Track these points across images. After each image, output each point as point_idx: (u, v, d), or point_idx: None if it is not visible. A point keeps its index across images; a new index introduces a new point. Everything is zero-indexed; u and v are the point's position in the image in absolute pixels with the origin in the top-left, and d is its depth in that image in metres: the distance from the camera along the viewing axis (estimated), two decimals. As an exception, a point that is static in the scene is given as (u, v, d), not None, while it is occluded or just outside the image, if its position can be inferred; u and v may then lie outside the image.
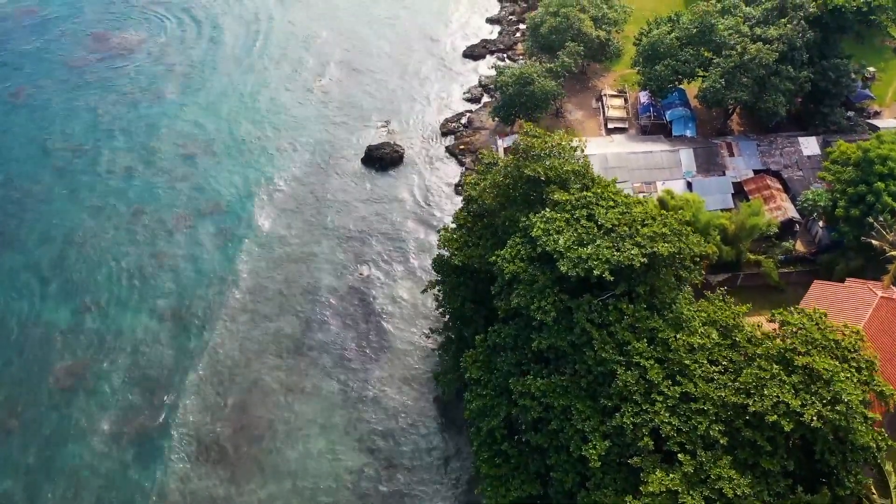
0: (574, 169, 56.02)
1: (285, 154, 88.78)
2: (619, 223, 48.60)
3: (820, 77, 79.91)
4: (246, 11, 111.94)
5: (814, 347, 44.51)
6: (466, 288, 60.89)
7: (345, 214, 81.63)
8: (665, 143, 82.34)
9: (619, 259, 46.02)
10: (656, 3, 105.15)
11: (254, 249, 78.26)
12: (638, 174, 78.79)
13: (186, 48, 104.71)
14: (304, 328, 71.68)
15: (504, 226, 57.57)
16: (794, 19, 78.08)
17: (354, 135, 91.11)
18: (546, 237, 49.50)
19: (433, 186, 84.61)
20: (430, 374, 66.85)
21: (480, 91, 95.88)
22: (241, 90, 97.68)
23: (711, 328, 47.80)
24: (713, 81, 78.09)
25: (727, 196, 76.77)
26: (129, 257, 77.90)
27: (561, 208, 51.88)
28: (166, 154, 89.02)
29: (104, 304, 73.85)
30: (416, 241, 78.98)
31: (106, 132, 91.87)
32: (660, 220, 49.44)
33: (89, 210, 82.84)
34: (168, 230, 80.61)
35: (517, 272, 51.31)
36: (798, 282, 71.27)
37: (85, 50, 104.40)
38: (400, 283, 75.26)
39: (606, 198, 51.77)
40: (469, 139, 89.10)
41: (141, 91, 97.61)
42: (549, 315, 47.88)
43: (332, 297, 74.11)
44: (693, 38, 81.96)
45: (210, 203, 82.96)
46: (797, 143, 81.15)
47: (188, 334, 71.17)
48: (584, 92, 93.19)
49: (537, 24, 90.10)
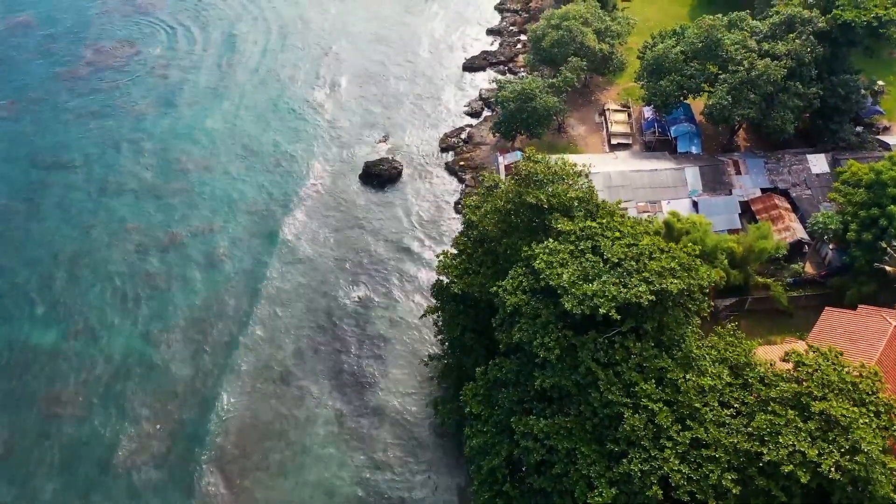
0: (578, 196, 54.03)
1: (281, 170, 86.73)
2: (626, 257, 46.58)
3: (829, 93, 77.91)
4: (241, 23, 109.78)
5: (830, 391, 42.50)
6: (466, 316, 58.96)
7: (341, 234, 79.60)
8: (670, 160, 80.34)
9: (627, 297, 43.99)
10: (660, 14, 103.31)
11: (246, 273, 76.04)
12: (642, 193, 76.79)
13: (182, 60, 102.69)
14: (298, 354, 69.64)
15: (505, 254, 55.60)
16: (803, 34, 76.06)
17: (352, 150, 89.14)
18: (549, 270, 47.52)
19: (432, 205, 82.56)
20: (429, 402, 64.87)
21: (481, 105, 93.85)
22: (237, 103, 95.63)
23: (722, 367, 45.79)
24: (720, 98, 76.09)
25: (734, 216, 74.72)
26: (120, 279, 75.85)
27: (565, 239, 49.91)
28: (160, 170, 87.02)
29: (94, 328, 71.86)
30: (414, 261, 76.94)
31: (99, 147, 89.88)
32: (668, 253, 47.35)
33: (80, 229, 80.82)
34: (161, 250, 78.57)
35: (519, 304, 49.42)
36: (808, 305, 69.31)
37: (78, 62, 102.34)
38: (398, 307, 73.23)
39: (612, 228, 49.77)
40: (469, 155, 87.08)
41: (135, 104, 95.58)
42: (553, 353, 45.92)
43: (326, 321, 72.06)
44: (699, 53, 79.98)
45: (203, 223, 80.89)
46: (805, 161, 79.16)
47: (179, 361, 69.09)
48: (586, 106, 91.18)
49: (539, 36, 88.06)
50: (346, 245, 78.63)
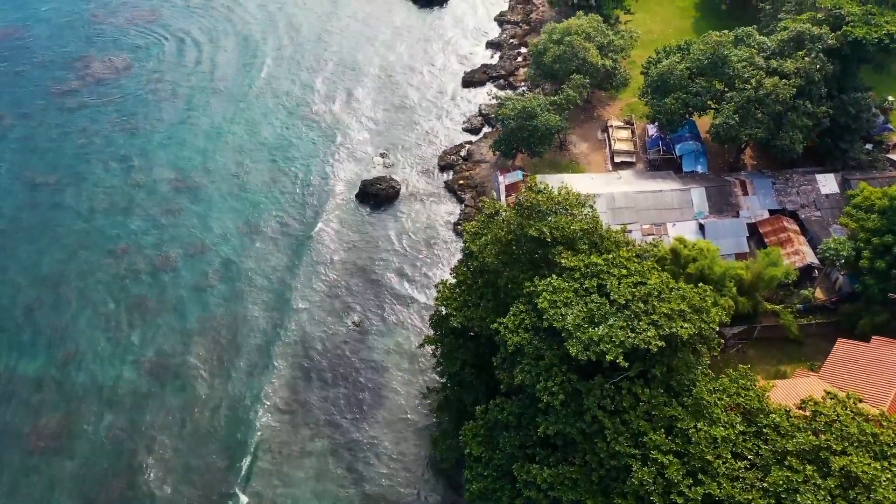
0: (582, 227, 51.82)
1: (276, 188, 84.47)
2: (634, 297, 44.34)
3: (839, 111, 75.71)
4: (235, 35, 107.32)
5: (850, 444, 40.30)
6: (466, 350, 56.83)
7: (336, 256, 77.37)
8: (675, 180, 78.11)
9: (635, 342, 41.77)
10: (664, 27, 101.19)
11: (238, 295, 73.96)
12: (647, 215, 74.60)
13: (176, 73, 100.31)
14: (293, 384, 67.51)
15: (506, 287, 53.42)
16: (812, 52, 73.83)
17: (349, 167, 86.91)
18: (553, 310, 45.32)
19: (431, 226, 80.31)
20: (428, 435, 62.75)
21: (480, 121, 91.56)
22: (232, 119, 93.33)
23: (734, 414, 43.56)
24: (727, 117, 73.88)
25: (741, 239, 72.56)
26: (109, 303, 73.72)
27: (569, 276, 47.71)
28: (152, 188, 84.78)
29: (82, 356, 69.63)
30: (412, 285, 74.75)
31: (89, 165, 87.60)
32: (677, 293, 45.12)
33: (69, 250, 78.63)
34: (151, 273, 76.39)
35: (521, 344, 47.29)
36: (818, 333, 67.27)
37: (69, 76, 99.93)
38: (395, 333, 71.07)
39: (618, 264, 47.55)
40: (468, 173, 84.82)
41: (127, 120, 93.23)
42: (557, 398, 43.77)
43: (322, 348, 69.92)
44: (705, 69, 77.78)
45: (195, 243, 78.68)
46: (814, 181, 77.00)
47: (170, 388, 67.04)
48: (588, 122, 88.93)
49: (540, 51, 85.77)
50: (342, 268, 76.42)
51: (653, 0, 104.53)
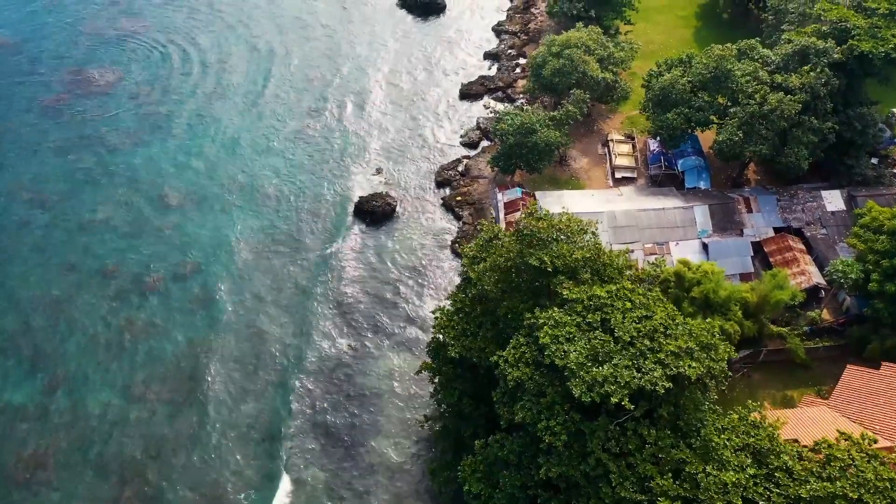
0: (584, 255, 50.10)
1: (269, 206, 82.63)
2: (639, 334, 42.62)
3: (845, 127, 74.14)
4: (229, 47, 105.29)
5: (867, 490, 38.61)
6: (464, 381, 55.14)
7: (331, 278, 75.51)
8: (678, 197, 76.43)
9: (641, 383, 40.06)
10: (665, 37, 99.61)
11: (230, 317, 72.11)
12: (649, 234, 72.95)
13: (167, 85, 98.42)
14: (286, 409, 65.67)
15: (506, 317, 51.71)
16: (818, 66, 72.18)
17: (344, 184, 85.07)
18: (555, 346, 43.65)
19: (428, 244, 78.54)
20: (425, 464, 60.99)
21: (478, 134, 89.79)
22: (225, 133, 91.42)
23: (744, 455, 41.85)
24: (730, 133, 72.27)
25: (746, 259, 70.88)
26: (100, 325, 71.74)
27: (571, 308, 46.00)
28: (143, 206, 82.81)
29: (72, 382, 67.73)
30: (409, 307, 72.97)
31: (80, 181, 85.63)
32: (684, 328, 43.40)
33: (58, 270, 76.63)
34: (142, 295, 74.44)
35: (522, 379, 45.59)
36: (826, 356, 65.69)
37: (60, 88, 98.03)
38: (392, 357, 69.26)
39: (622, 296, 45.84)
40: (466, 189, 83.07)
41: (117, 134, 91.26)
42: (560, 439, 42.08)
43: (317, 372, 68.08)
44: (707, 83, 76.14)
45: (187, 263, 76.83)
46: (820, 198, 75.41)
47: (160, 416, 65.07)
48: (588, 136, 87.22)
49: (539, 64, 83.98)
50: (336, 289, 74.61)
51: (653, 9, 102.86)
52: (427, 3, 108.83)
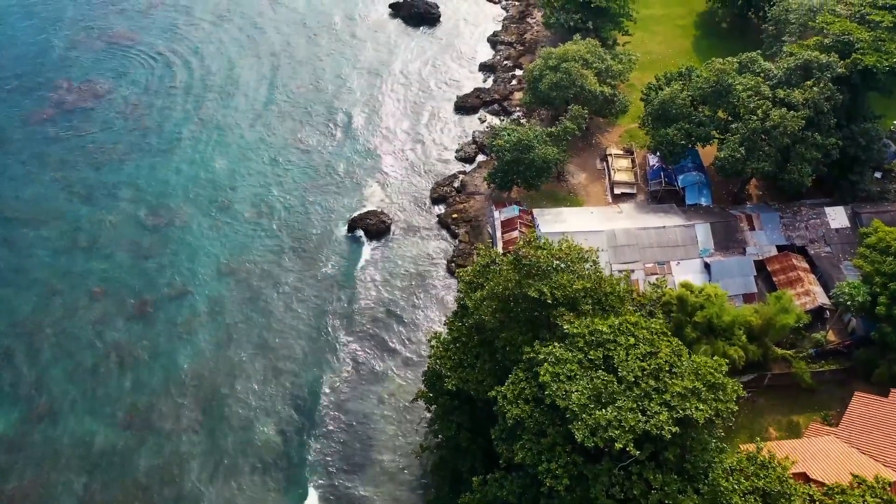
0: (585, 286, 48.33)
1: (261, 224, 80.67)
2: (644, 373, 40.88)
3: (848, 142, 72.49)
4: (218, 59, 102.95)
5: (883, 540, 37.08)
6: (462, 414, 53.33)
7: (325, 299, 73.63)
8: (679, 214, 74.71)
9: (646, 427, 38.33)
10: (663, 47, 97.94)
11: (222, 342, 70.29)
12: (650, 253, 71.22)
13: (158, 99, 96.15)
14: (279, 437, 63.89)
15: (504, 349, 49.93)
16: (821, 81, 70.51)
17: (338, 201, 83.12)
18: (556, 385, 41.88)
19: (423, 264, 76.72)
20: (422, 496, 59.33)
21: (474, 149, 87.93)
22: (215, 150, 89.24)
23: (754, 499, 40.13)
24: (732, 150, 70.57)
25: (749, 279, 69.21)
26: (86, 351, 69.89)
27: (572, 343, 44.23)
28: (130, 226, 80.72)
29: (57, 411, 65.79)
30: (405, 330, 71.19)
31: (66, 200, 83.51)
32: (690, 366, 41.66)
33: (43, 293, 74.65)
34: (130, 317, 72.58)
35: (521, 417, 43.82)
36: (832, 380, 64.12)
37: (46, 102, 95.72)
38: (388, 382, 67.48)
39: (625, 331, 44.07)
40: (462, 206, 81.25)
41: (106, 151, 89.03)
42: (561, 482, 40.32)
43: (312, 399, 66.28)
44: (708, 98, 74.48)
45: (176, 285, 74.90)
46: (823, 215, 73.77)
47: (148, 447, 63.22)
48: (587, 150, 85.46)
49: (536, 77, 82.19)
50: (330, 311, 72.73)
51: (651, 19, 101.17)
52: (421, 14, 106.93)
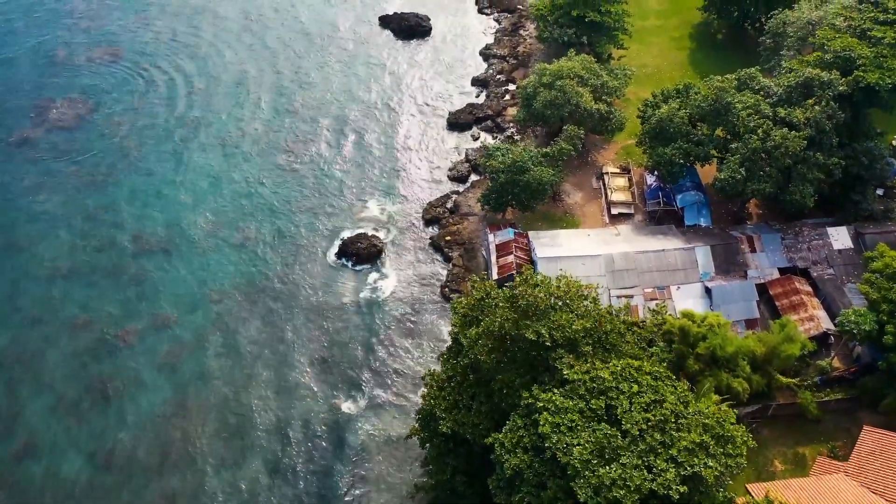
0: (584, 326, 46.34)
1: (248, 248, 78.39)
2: (649, 426, 38.91)
3: (851, 161, 70.77)
4: (205, 75, 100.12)
5: None
6: (457, 457, 51.34)
7: (315, 328, 71.50)
8: (678, 236, 72.81)
9: (653, 487, 36.36)
10: (659, 60, 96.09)
11: (208, 374, 68.11)
12: (649, 277, 69.27)
13: (142, 118, 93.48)
14: (270, 476, 61.78)
15: (501, 392, 47.92)
16: (823, 100, 68.74)
17: (327, 223, 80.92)
18: (556, 437, 39.93)
19: (416, 290, 74.57)
20: (417, 537, 57.36)
21: (468, 168, 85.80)
22: (201, 170, 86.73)
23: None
24: (732, 172, 68.72)
25: (751, 304, 67.34)
26: (68, 384, 67.72)
27: (573, 391, 42.26)
28: (116, 251, 78.33)
29: (38, 447, 63.55)
30: (397, 360, 69.04)
31: (46, 224, 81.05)
32: (697, 417, 39.73)
33: (23, 323, 72.36)
34: (114, 349, 70.34)
35: (520, 467, 41.86)
36: (837, 409, 62.35)
37: (26, 123, 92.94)
38: (380, 415, 65.38)
39: (628, 377, 42.14)
40: (455, 228, 79.14)
41: (88, 173, 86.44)
42: (563, 541, 38.36)
43: (302, 434, 64.20)
44: (706, 116, 72.65)
45: (160, 315, 72.57)
46: (826, 235, 71.93)
47: (132, 487, 61.00)
48: (582, 168, 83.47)
49: (530, 94, 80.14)
50: (318, 342, 70.59)
51: (646, 31, 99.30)
52: (411, 27, 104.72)
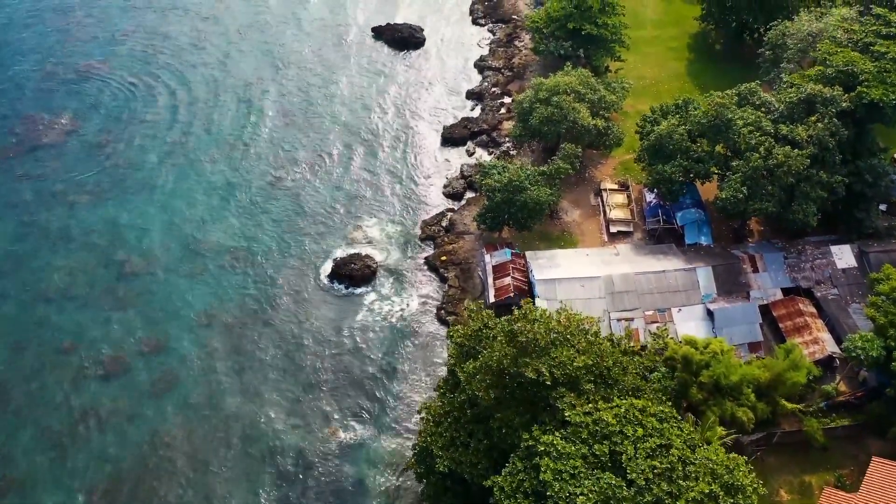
0: (586, 363, 44.76)
1: (239, 271, 76.45)
2: (654, 474, 37.32)
3: (855, 178, 69.41)
4: (193, 89, 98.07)
5: None
6: (455, 496, 49.64)
7: (309, 353, 69.70)
8: (678, 256, 71.31)
9: (661, 542, 34.85)
10: (657, 71, 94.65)
11: (198, 402, 66.18)
12: (650, 300, 67.78)
13: (128, 135, 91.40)
14: (262, 510, 60.06)
15: (500, 431, 46.30)
16: (825, 117, 67.30)
17: (319, 244, 79.12)
18: (559, 485, 38.36)
19: (411, 312, 72.83)
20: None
21: (463, 184, 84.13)
22: (190, 190, 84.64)
23: None
24: (734, 191, 67.28)
25: (754, 327, 65.91)
26: (56, 415, 65.49)
27: (575, 434, 40.65)
28: (104, 273, 76.22)
29: (24, 483, 61.51)
30: (393, 385, 67.36)
31: (32, 245, 78.94)
32: (705, 464, 38.15)
33: (8, 349, 70.24)
34: (103, 375, 68.29)
35: (521, 514, 40.23)
36: (844, 436, 60.93)
37: (12, 138, 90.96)
38: (376, 443, 63.63)
39: (632, 419, 40.56)
40: (451, 247, 77.45)
41: (76, 191, 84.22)
42: None
43: (296, 465, 62.30)
44: (706, 132, 71.20)
45: (150, 340, 70.67)
46: (829, 254, 70.54)
47: (122, 525, 59.32)
48: (580, 184, 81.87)
49: (526, 109, 78.57)
50: (311, 364, 68.86)
51: (643, 41, 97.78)
52: (405, 38, 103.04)
